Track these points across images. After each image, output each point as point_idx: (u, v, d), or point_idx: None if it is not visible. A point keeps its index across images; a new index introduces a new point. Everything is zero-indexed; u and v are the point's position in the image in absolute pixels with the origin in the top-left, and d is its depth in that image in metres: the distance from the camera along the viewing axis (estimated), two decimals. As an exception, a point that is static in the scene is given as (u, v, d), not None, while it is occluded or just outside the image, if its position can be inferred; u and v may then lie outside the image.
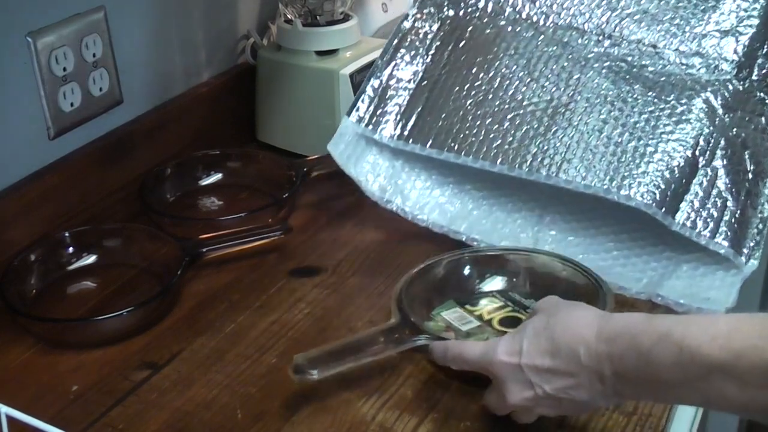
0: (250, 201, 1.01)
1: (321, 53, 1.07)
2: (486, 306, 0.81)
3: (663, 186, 0.82)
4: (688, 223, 0.82)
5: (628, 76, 0.89)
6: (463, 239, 0.90)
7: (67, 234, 0.88)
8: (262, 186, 1.03)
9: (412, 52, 0.97)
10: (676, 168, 0.83)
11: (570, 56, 0.92)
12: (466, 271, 0.84)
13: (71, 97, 0.91)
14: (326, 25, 1.08)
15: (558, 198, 0.92)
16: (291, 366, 0.69)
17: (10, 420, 0.55)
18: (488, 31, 0.95)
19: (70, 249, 0.88)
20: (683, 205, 0.82)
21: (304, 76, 1.07)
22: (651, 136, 0.84)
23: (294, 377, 0.69)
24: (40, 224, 0.88)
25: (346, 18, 1.10)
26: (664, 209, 0.81)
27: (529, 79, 0.91)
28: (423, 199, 0.94)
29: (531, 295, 0.82)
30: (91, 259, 0.89)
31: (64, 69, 0.89)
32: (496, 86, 0.92)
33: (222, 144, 1.08)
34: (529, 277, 0.83)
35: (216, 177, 1.05)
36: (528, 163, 0.87)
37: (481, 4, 0.97)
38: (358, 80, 1.05)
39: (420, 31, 0.97)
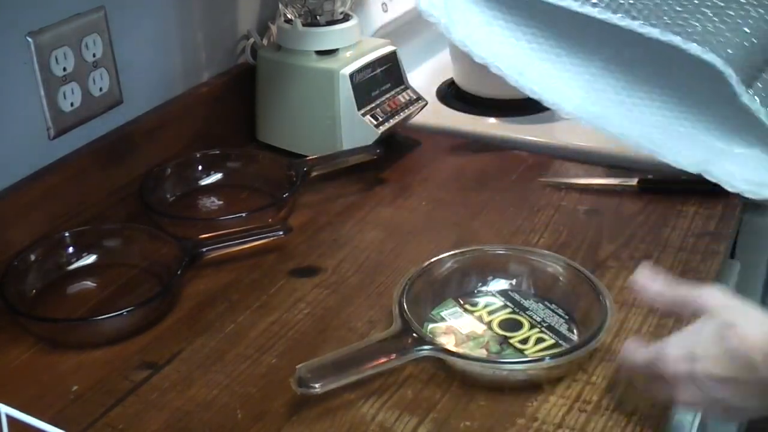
0: (250, 201, 1.01)
1: (321, 53, 1.07)
2: (486, 306, 0.81)
3: (744, 55, 0.79)
4: (758, 99, 0.79)
5: None
6: (499, 73, 0.88)
7: (67, 234, 0.88)
8: (262, 186, 1.03)
9: None
10: (766, 44, 0.80)
11: None
12: (468, 271, 0.84)
13: (71, 97, 0.91)
14: (326, 25, 1.08)
15: (610, 68, 0.89)
16: (294, 377, 0.69)
17: (10, 420, 0.55)
18: None
19: (70, 249, 0.88)
20: (758, 83, 0.79)
21: (304, 76, 1.07)
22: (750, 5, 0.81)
23: (297, 389, 0.68)
24: (40, 224, 0.88)
25: (346, 18, 1.10)
26: (740, 77, 0.78)
27: None
28: (468, 28, 0.90)
29: (532, 297, 0.82)
30: (91, 259, 0.89)
31: (64, 69, 0.89)
32: None
33: (222, 144, 1.08)
34: (531, 279, 0.83)
35: (216, 177, 1.05)
36: (605, 3, 0.82)
37: None
38: (358, 80, 1.05)
39: None
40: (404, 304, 0.77)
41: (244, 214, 0.93)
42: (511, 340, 0.77)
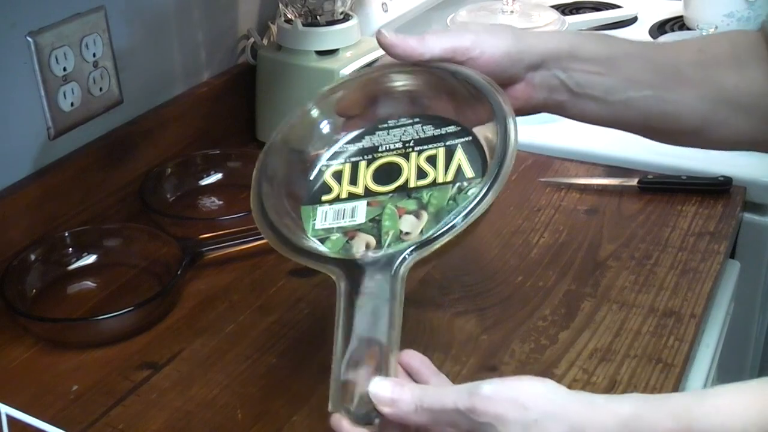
0: (250, 201, 1.01)
1: (321, 53, 1.07)
2: (337, 181, 0.66)
3: None
4: None
5: None
6: None
7: (67, 234, 0.88)
8: (262, 186, 1.03)
9: None
10: None
11: None
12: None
13: (71, 97, 0.91)
14: (326, 25, 1.08)
15: None
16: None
17: (11, 420, 0.55)
18: None
19: (70, 249, 0.88)
20: None
21: (304, 76, 1.07)
22: None
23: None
24: (40, 224, 0.88)
25: (346, 18, 1.10)
26: None
27: None
28: None
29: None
30: (91, 259, 0.89)
31: (64, 69, 0.89)
32: None
33: (222, 144, 1.08)
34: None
35: (216, 177, 1.05)
36: None
37: None
38: (358, 80, 1.05)
39: None
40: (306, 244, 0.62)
41: (244, 214, 0.93)
42: (419, 184, 0.63)
